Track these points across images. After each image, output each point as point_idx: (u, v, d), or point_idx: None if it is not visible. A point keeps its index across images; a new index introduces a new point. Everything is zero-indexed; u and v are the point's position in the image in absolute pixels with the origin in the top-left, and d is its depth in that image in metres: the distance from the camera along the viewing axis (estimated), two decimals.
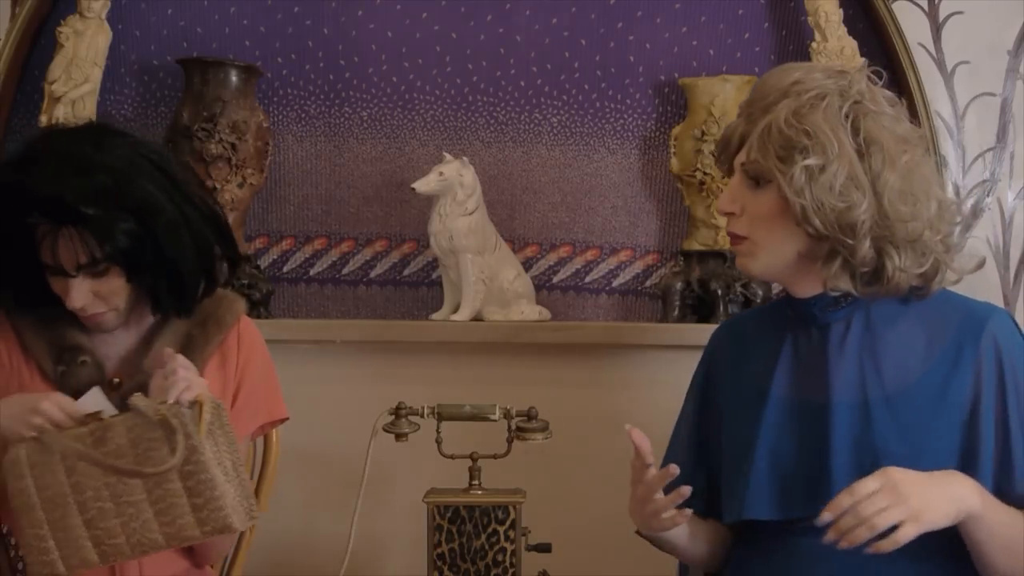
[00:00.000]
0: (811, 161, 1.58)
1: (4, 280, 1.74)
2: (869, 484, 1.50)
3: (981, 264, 1.73)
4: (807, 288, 1.67)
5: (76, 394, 1.72)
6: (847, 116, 1.61)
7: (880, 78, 1.69)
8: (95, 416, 1.64)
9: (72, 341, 1.76)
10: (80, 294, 1.69)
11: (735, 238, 1.69)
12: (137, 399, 1.62)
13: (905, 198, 1.60)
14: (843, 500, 1.49)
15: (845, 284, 1.64)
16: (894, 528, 1.49)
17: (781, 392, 1.69)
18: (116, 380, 1.77)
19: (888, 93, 1.68)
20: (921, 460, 1.58)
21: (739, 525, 1.75)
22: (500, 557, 2.03)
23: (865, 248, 1.59)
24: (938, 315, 1.66)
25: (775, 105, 1.62)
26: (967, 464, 1.60)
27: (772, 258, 1.66)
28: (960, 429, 1.62)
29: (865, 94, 1.64)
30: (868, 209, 1.58)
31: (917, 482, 1.52)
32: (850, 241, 1.59)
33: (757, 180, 1.64)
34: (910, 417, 1.62)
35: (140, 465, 1.59)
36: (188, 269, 1.75)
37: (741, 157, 1.67)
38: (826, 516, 1.49)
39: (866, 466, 1.57)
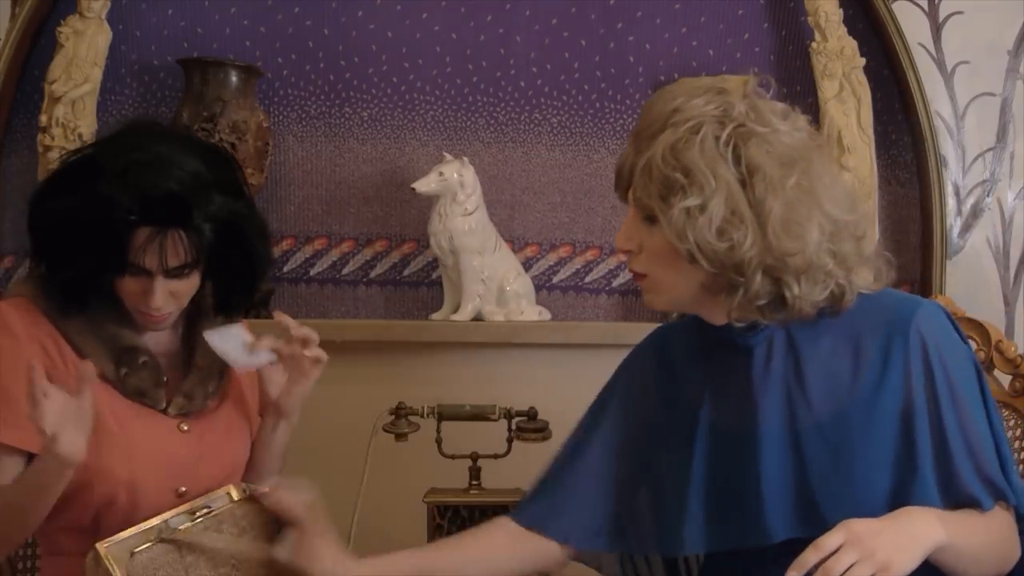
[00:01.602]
0: (689, 202, 1.49)
1: (61, 284, 1.73)
2: (833, 539, 1.43)
3: (892, 280, 1.66)
4: (717, 317, 1.61)
5: (138, 395, 1.73)
6: (727, 144, 1.52)
7: (768, 89, 1.60)
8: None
9: (128, 342, 1.76)
10: (162, 294, 1.70)
11: (636, 275, 1.63)
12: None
13: (790, 228, 1.51)
14: (809, 557, 1.43)
15: (751, 314, 1.56)
16: None
17: (709, 421, 1.63)
18: (166, 379, 1.78)
19: (779, 105, 1.59)
20: (856, 482, 1.54)
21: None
22: None
23: (757, 283, 1.52)
24: (863, 323, 1.59)
25: (656, 137, 1.54)
26: (906, 473, 1.55)
27: (674, 294, 1.60)
28: (894, 439, 1.56)
29: (748, 115, 1.53)
30: (754, 244, 1.50)
31: (880, 531, 1.46)
32: (740, 278, 1.52)
33: (650, 218, 1.56)
34: (843, 439, 1.56)
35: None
36: (263, 270, 1.80)
37: (632, 194, 1.60)
38: (792, 575, 1.43)
39: (799, 495, 1.55)
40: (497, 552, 1.72)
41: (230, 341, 1.77)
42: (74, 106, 2.47)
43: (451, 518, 2.04)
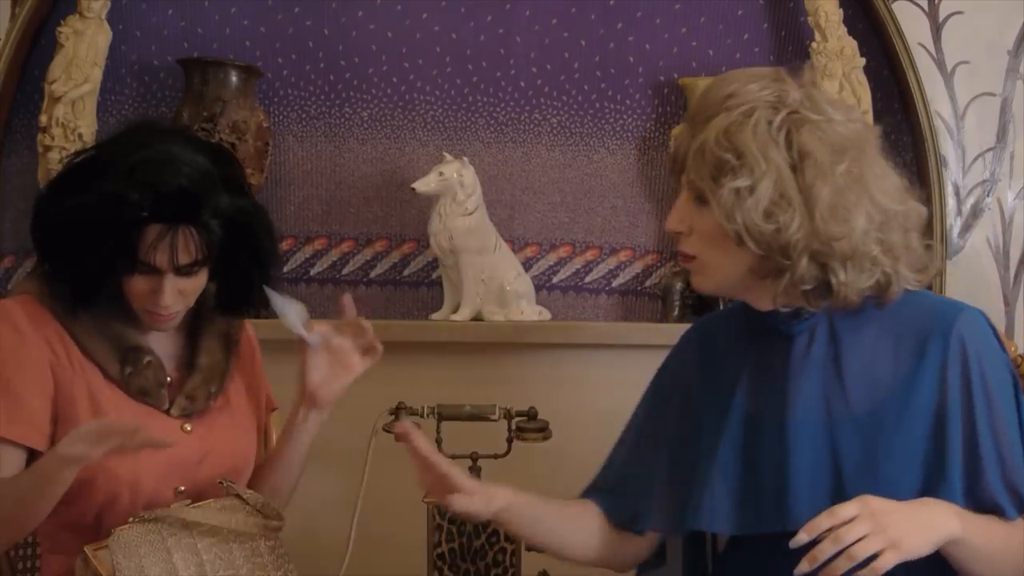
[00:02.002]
0: (739, 183, 1.52)
1: (68, 283, 1.72)
2: (848, 509, 1.45)
3: (937, 272, 1.67)
4: (763, 302, 1.63)
5: (142, 395, 1.74)
6: (780, 129, 1.54)
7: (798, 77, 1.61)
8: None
9: (133, 342, 1.77)
10: (171, 292, 1.70)
11: (684, 257, 1.65)
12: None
13: (837, 213, 1.53)
14: (822, 521, 1.44)
15: (796, 300, 1.58)
16: (872, 558, 1.45)
17: (744, 407, 1.65)
18: (168, 379, 1.78)
19: (834, 98, 1.61)
20: (884, 475, 1.55)
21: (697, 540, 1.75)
22: (500, 557, 2.03)
23: (803, 267, 1.54)
24: (906, 319, 1.61)
25: (710, 121, 1.56)
26: (934, 474, 1.56)
27: (722, 276, 1.62)
28: (926, 438, 1.57)
29: (803, 102, 1.55)
30: (801, 228, 1.52)
31: (895, 511, 1.47)
32: (787, 261, 1.54)
33: (701, 199, 1.59)
34: (876, 432, 1.58)
35: None
36: (271, 267, 1.80)
37: (685, 176, 1.62)
38: (802, 536, 1.44)
39: (826, 485, 1.56)
40: (592, 541, 1.76)
41: (289, 305, 1.78)
42: (74, 106, 2.47)
43: (451, 518, 2.04)
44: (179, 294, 1.72)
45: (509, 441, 2.07)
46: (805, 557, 1.44)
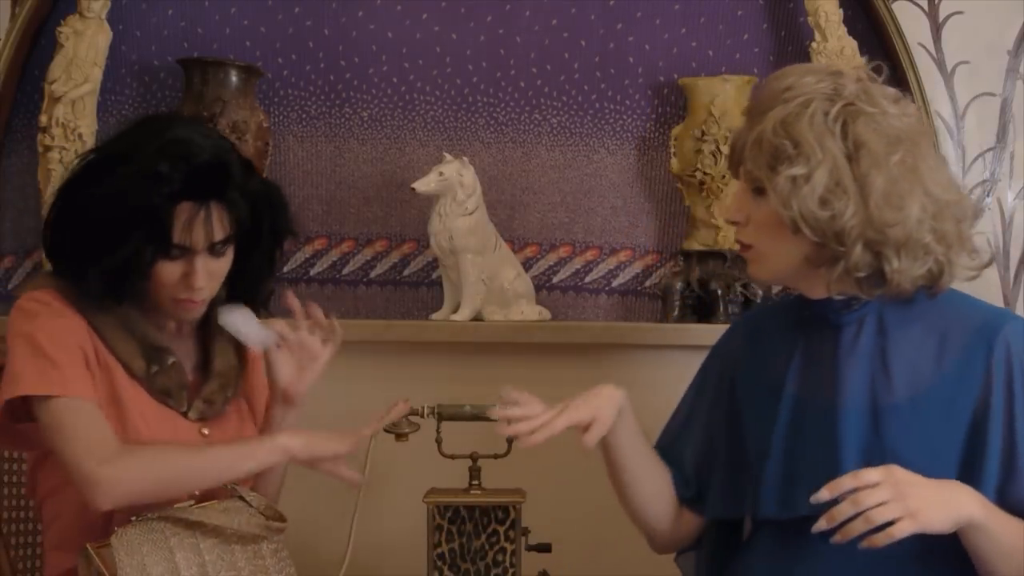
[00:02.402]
0: (795, 171, 1.58)
1: (100, 275, 1.72)
2: (873, 475, 1.51)
3: (989, 262, 1.72)
4: (817, 290, 1.67)
5: (165, 395, 1.75)
6: (836, 119, 1.59)
7: (880, 74, 1.67)
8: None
9: (157, 342, 1.78)
10: (204, 273, 1.71)
11: (742, 246, 1.70)
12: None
13: (891, 201, 1.58)
14: (845, 482, 1.50)
15: (850, 288, 1.64)
16: (889, 525, 1.49)
17: (793, 392, 1.69)
18: (188, 382, 1.79)
19: (890, 90, 1.66)
20: (928, 464, 1.58)
21: (733, 523, 1.78)
22: (500, 557, 2.03)
23: (858, 253, 1.59)
24: (952, 320, 1.65)
25: (768, 113, 1.62)
26: (970, 469, 1.60)
27: (778, 265, 1.67)
28: (966, 434, 1.61)
29: (860, 95, 1.61)
30: (855, 215, 1.57)
31: (919, 483, 1.52)
32: (842, 248, 1.59)
33: (758, 189, 1.64)
34: (919, 424, 1.62)
35: None
36: (280, 253, 1.84)
37: (743, 166, 1.67)
38: (824, 494, 1.50)
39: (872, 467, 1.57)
40: (669, 509, 1.84)
41: (240, 318, 1.79)
42: (74, 106, 2.47)
43: (451, 518, 2.04)
44: (209, 276, 1.73)
45: (509, 441, 2.07)
46: (823, 515, 1.49)
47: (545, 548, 2.08)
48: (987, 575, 1.59)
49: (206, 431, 1.78)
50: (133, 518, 1.67)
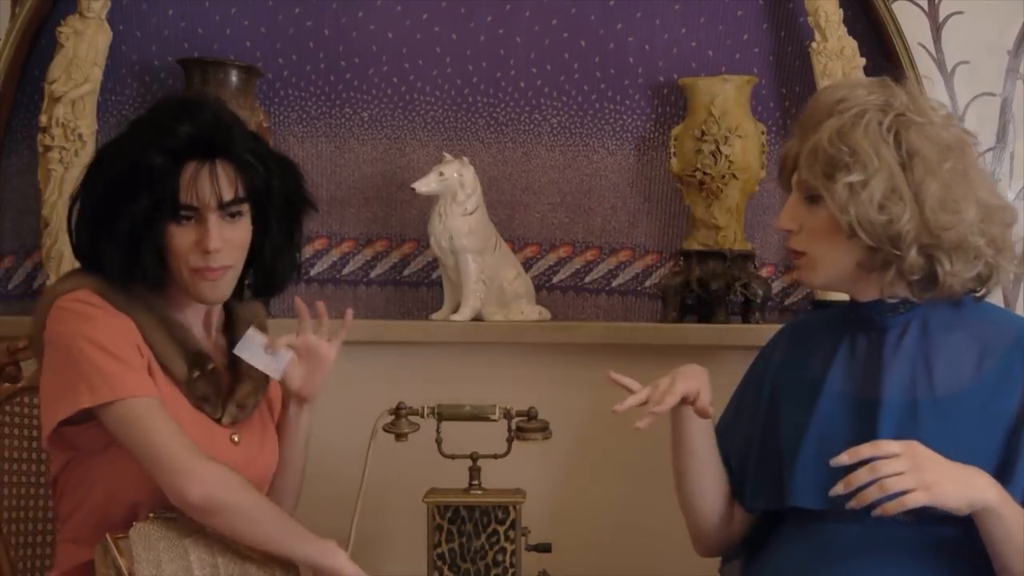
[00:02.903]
0: (853, 178, 1.65)
1: (116, 248, 1.73)
2: (893, 446, 1.56)
3: None
4: (867, 293, 1.74)
5: (203, 400, 1.76)
6: (889, 129, 1.67)
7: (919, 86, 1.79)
8: None
9: (198, 347, 1.78)
10: (217, 234, 1.71)
11: (794, 253, 1.77)
12: None
13: (946, 205, 1.65)
14: (865, 450, 1.55)
15: (902, 291, 1.70)
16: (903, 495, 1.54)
17: (835, 386, 1.75)
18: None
19: (935, 102, 1.76)
20: (962, 462, 1.61)
21: (766, 514, 1.82)
22: (500, 557, 2.03)
23: (913, 256, 1.66)
24: (994, 329, 1.73)
25: (821, 124, 1.69)
26: (1003, 472, 1.64)
27: (831, 271, 1.74)
28: (1002, 439, 1.66)
29: (909, 106, 1.69)
30: (911, 219, 1.64)
31: (938, 460, 1.58)
32: (897, 252, 1.65)
33: (812, 198, 1.71)
34: (955, 421, 1.67)
35: None
36: (297, 248, 1.85)
37: (798, 176, 1.73)
38: (843, 458, 1.55)
39: None
40: (723, 500, 1.87)
41: (257, 351, 1.81)
42: (74, 106, 2.47)
43: (451, 518, 2.04)
44: (225, 244, 1.72)
45: (509, 441, 2.07)
46: (841, 480, 1.55)
47: (545, 548, 2.08)
48: (1001, 570, 1.61)
49: (236, 438, 1.79)
50: (151, 515, 1.67)
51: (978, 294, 1.75)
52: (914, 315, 1.73)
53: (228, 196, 1.71)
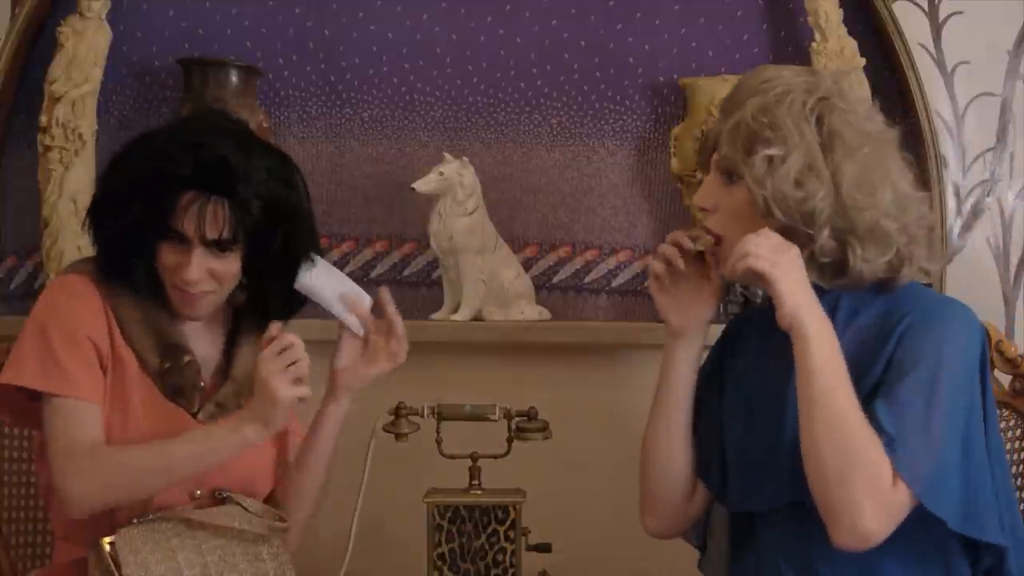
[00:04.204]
0: (772, 151, 1.64)
1: (106, 246, 1.77)
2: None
3: (946, 258, 1.77)
4: None
5: (176, 393, 1.76)
6: (812, 110, 1.67)
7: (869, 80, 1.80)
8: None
9: (175, 339, 1.78)
10: (198, 266, 1.72)
11: (715, 239, 1.75)
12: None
13: (862, 188, 1.64)
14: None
15: (812, 277, 1.66)
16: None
17: (748, 387, 1.75)
18: (202, 384, 1.80)
19: (862, 96, 1.78)
20: None
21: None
22: (500, 557, 2.03)
23: (824, 237, 1.64)
24: (899, 308, 1.68)
25: (745, 102, 1.69)
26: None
27: None
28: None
29: (833, 92, 1.69)
30: (826, 199, 1.63)
31: (799, 266, 1.62)
32: (810, 231, 1.64)
33: (730, 175, 1.70)
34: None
35: None
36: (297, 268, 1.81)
37: (717, 154, 1.73)
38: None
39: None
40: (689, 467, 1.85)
41: (328, 283, 1.80)
42: (74, 106, 2.47)
43: (451, 518, 2.04)
44: (209, 275, 1.73)
45: (509, 441, 2.07)
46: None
47: (545, 548, 2.08)
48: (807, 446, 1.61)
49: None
50: (135, 520, 1.67)
51: (890, 284, 1.70)
52: (823, 304, 1.66)
53: (212, 235, 1.71)
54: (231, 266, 1.75)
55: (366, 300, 1.85)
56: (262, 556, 1.73)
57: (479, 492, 2.06)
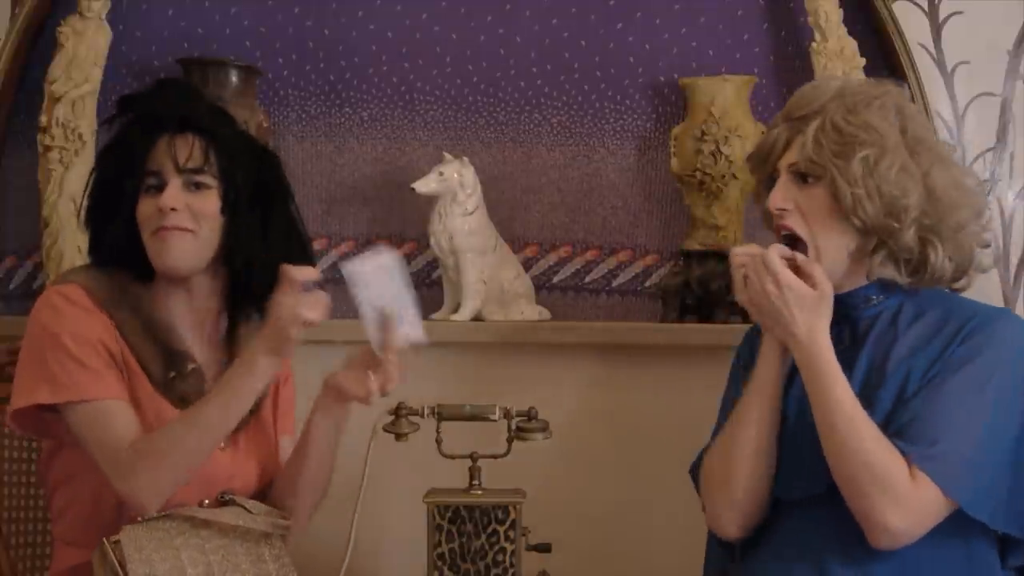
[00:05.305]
0: (868, 152, 1.69)
1: (100, 228, 1.80)
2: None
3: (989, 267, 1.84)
4: (849, 285, 1.76)
5: (182, 402, 1.75)
6: (896, 115, 1.73)
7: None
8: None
9: (178, 347, 1.78)
10: (174, 194, 1.74)
11: (794, 242, 1.76)
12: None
13: (959, 187, 1.73)
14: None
15: (890, 273, 1.73)
16: None
17: (799, 387, 1.76)
18: (206, 390, 1.79)
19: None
20: None
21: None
22: (500, 557, 2.03)
23: (909, 235, 1.69)
24: (959, 314, 1.74)
25: (825, 108, 1.73)
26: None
27: (829, 263, 1.73)
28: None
29: (906, 100, 1.79)
30: (918, 199, 1.69)
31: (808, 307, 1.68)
32: (896, 225, 1.69)
33: (805, 178, 1.74)
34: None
35: None
36: (281, 261, 1.78)
37: (789, 159, 1.76)
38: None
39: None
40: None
41: (376, 287, 1.77)
42: (74, 106, 2.47)
43: (451, 518, 2.04)
44: (186, 209, 1.74)
45: (509, 441, 2.07)
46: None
47: (545, 548, 2.08)
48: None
49: (223, 444, 1.78)
50: (139, 518, 1.67)
51: (954, 287, 1.78)
52: (886, 307, 1.76)
53: (184, 160, 1.74)
54: (209, 202, 1.77)
55: (400, 327, 1.79)
56: (264, 557, 1.73)
57: (479, 492, 2.06)
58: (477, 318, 2.47)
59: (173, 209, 1.73)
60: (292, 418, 1.95)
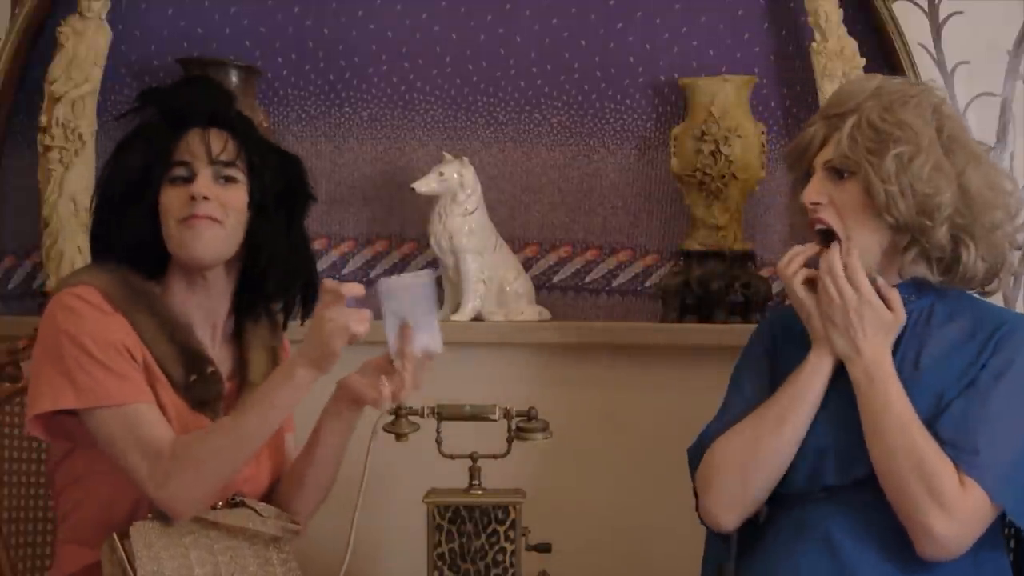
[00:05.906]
0: (901, 149, 1.70)
1: (118, 219, 1.78)
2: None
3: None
4: (887, 279, 1.77)
5: (202, 404, 1.75)
6: (932, 114, 1.75)
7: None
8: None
9: (198, 349, 1.77)
10: (206, 183, 1.74)
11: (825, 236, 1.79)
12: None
13: (993, 188, 1.74)
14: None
15: (922, 271, 1.75)
16: None
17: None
18: (224, 393, 1.80)
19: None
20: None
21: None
22: (500, 557, 2.03)
23: (942, 233, 1.71)
24: (985, 321, 1.76)
25: (862, 106, 1.75)
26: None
27: (864, 255, 1.75)
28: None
29: (943, 101, 1.80)
30: (951, 198, 1.70)
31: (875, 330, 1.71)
32: (929, 223, 1.70)
33: (840, 174, 1.76)
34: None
35: None
36: (298, 263, 1.84)
37: (825, 155, 1.78)
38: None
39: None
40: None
41: (402, 301, 1.76)
42: (74, 106, 2.47)
43: (451, 518, 2.04)
44: (215, 199, 1.74)
45: (509, 441, 2.07)
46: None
47: (545, 548, 2.08)
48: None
49: None
50: (149, 515, 1.67)
51: (985, 289, 1.81)
52: (917, 307, 1.77)
53: (218, 152, 1.76)
54: (237, 195, 1.77)
55: (419, 336, 1.77)
56: (272, 560, 1.74)
57: (479, 492, 2.06)
58: (477, 318, 2.47)
59: (205, 198, 1.73)
60: (292, 414, 1.95)
